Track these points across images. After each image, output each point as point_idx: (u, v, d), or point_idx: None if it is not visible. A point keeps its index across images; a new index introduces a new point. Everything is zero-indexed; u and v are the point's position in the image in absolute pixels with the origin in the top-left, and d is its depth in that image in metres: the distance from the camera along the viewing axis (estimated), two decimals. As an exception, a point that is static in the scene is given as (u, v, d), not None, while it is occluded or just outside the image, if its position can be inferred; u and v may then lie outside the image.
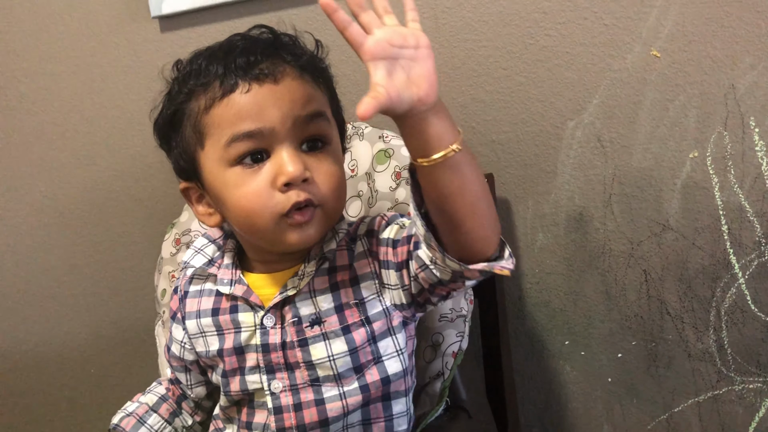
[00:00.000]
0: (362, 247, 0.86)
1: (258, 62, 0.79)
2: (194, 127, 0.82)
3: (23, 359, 1.56)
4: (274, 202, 0.79)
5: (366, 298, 0.85)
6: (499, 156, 1.25)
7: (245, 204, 0.80)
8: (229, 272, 0.89)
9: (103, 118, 1.42)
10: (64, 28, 1.39)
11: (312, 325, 0.84)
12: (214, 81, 0.80)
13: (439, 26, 1.24)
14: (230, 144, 0.79)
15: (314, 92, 0.82)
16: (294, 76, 0.81)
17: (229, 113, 0.78)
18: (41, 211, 1.48)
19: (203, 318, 0.90)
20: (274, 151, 0.79)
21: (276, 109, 0.78)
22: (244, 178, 0.79)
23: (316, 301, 0.85)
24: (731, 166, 1.17)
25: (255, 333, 0.86)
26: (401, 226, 0.84)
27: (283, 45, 0.84)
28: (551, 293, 1.28)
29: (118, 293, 1.48)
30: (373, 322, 0.85)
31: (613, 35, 1.17)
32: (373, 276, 0.85)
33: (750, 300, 1.19)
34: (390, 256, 0.83)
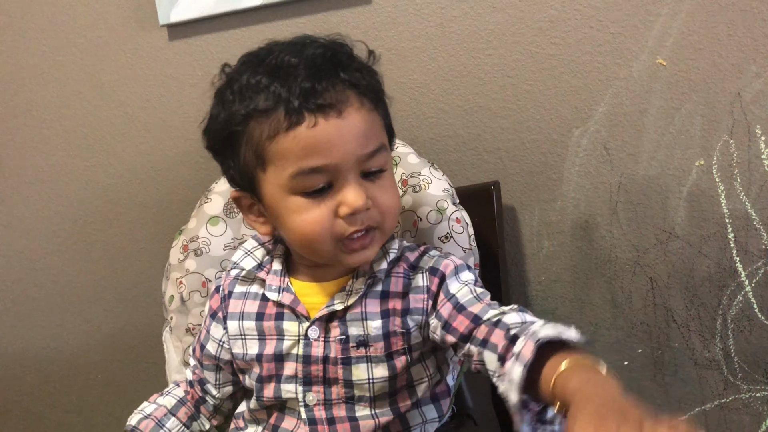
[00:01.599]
0: (422, 282, 0.87)
1: (323, 91, 0.78)
2: (255, 152, 0.81)
3: (31, 364, 1.56)
4: (336, 228, 0.81)
5: (411, 329, 0.87)
6: (505, 163, 1.26)
7: (306, 230, 0.81)
8: (277, 279, 0.91)
9: (111, 126, 1.42)
10: (73, 36, 1.40)
11: (358, 346, 0.86)
12: (278, 108, 0.78)
13: (446, 34, 1.24)
14: (296, 176, 0.79)
15: (374, 123, 0.83)
16: (357, 107, 0.80)
17: (296, 147, 0.78)
18: (50, 218, 1.49)
19: (246, 321, 0.91)
20: (337, 183, 0.80)
21: (342, 146, 0.79)
22: (307, 206, 0.81)
23: (367, 324, 0.86)
24: (737, 174, 1.17)
25: (298, 343, 0.88)
26: (475, 295, 0.84)
27: (343, 65, 0.82)
28: (557, 300, 1.28)
29: (125, 299, 1.48)
30: (413, 351, 0.88)
31: (619, 43, 1.18)
32: (423, 312, 0.87)
33: (757, 308, 1.19)
34: (446, 314, 0.84)
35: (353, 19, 1.28)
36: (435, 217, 1.02)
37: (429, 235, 1.02)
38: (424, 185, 1.05)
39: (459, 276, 0.87)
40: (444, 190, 1.05)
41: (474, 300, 0.83)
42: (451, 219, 1.03)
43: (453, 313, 0.83)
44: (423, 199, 1.04)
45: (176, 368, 1.13)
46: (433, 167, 1.08)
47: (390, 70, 1.28)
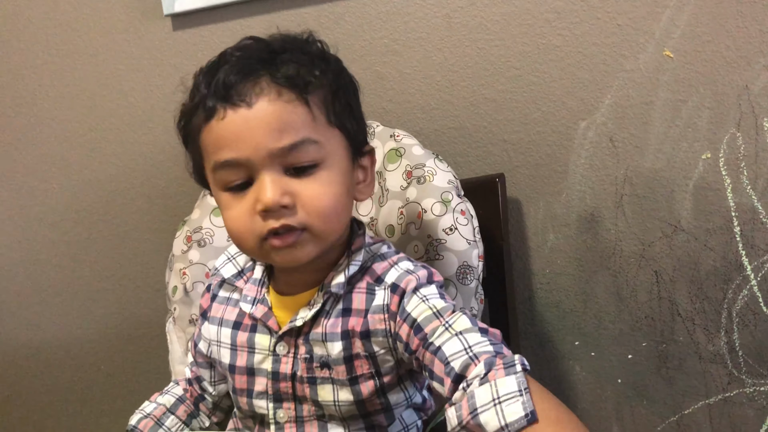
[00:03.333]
0: (382, 300, 0.81)
1: (236, 83, 0.76)
2: (196, 147, 0.82)
3: (34, 355, 1.56)
4: (255, 225, 0.77)
5: (377, 352, 0.82)
6: (510, 156, 1.25)
7: (231, 226, 0.80)
8: (254, 289, 0.88)
9: (114, 116, 1.42)
10: (77, 25, 1.40)
11: (322, 367, 0.82)
12: (200, 103, 0.79)
13: (452, 25, 1.24)
14: (215, 171, 0.79)
15: (294, 116, 0.77)
16: (271, 97, 0.76)
17: (211, 140, 0.78)
18: (53, 209, 1.49)
19: (224, 328, 0.89)
20: (257, 177, 0.77)
21: (250, 138, 0.75)
22: (231, 202, 0.79)
23: (326, 345, 0.82)
24: (744, 168, 1.16)
25: (268, 358, 0.85)
26: (434, 311, 0.77)
27: (274, 56, 0.79)
28: (562, 294, 1.28)
29: (129, 290, 1.48)
30: (384, 375, 0.83)
31: (626, 35, 1.17)
32: (386, 334, 0.81)
33: (762, 302, 1.19)
34: (405, 337, 0.79)
35: (358, 9, 1.27)
36: (439, 209, 1.02)
37: (433, 227, 1.01)
38: (429, 177, 1.04)
39: (419, 291, 0.80)
40: (449, 181, 1.04)
41: (432, 317, 0.77)
42: (455, 211, 1.02)
43: (411, 334, 0.77)
44: (427, 191, 1.03)
45: (179, 359, 1.13)
46: (437, 159, 1.07)
47: (395, 60, 1.27)
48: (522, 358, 0.69)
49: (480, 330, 0.74)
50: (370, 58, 1.27)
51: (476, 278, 1.02)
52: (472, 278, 1.01)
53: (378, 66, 1.27)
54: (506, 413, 0.64)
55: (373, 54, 1.28)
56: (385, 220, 1.07)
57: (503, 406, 0.64)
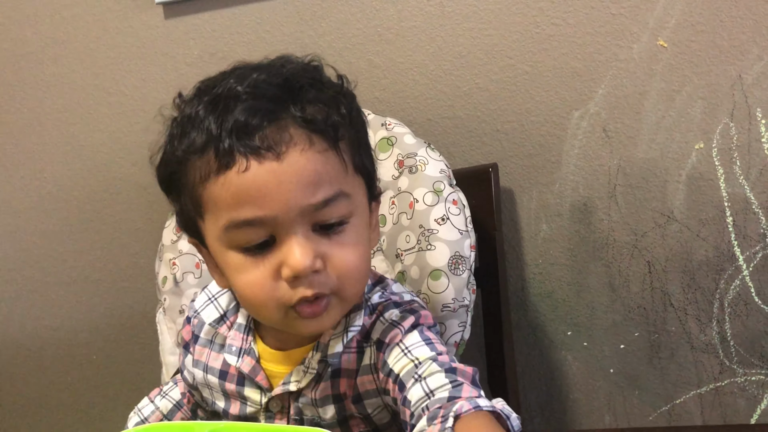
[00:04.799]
0: (369, 359, 0.76)
1: (258, 128, 0.66)
2: (192, 198, 0.71)
3: (25, 345, 1.56)
4: (280, 293, 0.69)
5: (372, 413, 0.77)
6: (503, 146, 1.25)
7: (248, 293, 0.70)
8: (239, 337, 0.81)
9: (106, 105, 1.41)
10: (68, 13, 1.39)
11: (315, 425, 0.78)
12: (209, 146, 0.67)
13: (445, 14, 1.23)
14: (228, 229, 0.68)
15: (327, 166, 0.68)
16: (303, 147, 0.67)
17: (226, 195, 0.67)
18: (43, 198, 1.48)
19: (210, 375, 0.83)
20: (280, 238, 0.68)
21: (279, 195, 0.66)
22: (246, 264, 0.69)
23: (318, 411, 0.77)
24: (737, 158, 1.16)
25: (261, 413, 0.80)
26: (415, 365, 0.71)
27: (295, 94, 0.69)
28: (554, 284, 1.28)
29: (119, 280, 1.48)
30: (382, 430, 0.79)
31: (620, 24, 1.16)
32: (377, 393, 0.76)
33: (754, 292, 1.19)
34: (392, 392, 0.73)
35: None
36: (431, 198, 1.01)
37: (425, 217, 1.01)
38: (421, 166, 1.04)
39: (402, 342, 0.74)
40: (441, 171, 1.04)
41: (412, 371, 0.71)
42: (447, 200, 1.02)
43: (395, 389, 0.72)
44: (419, 180, 1.03)
45: (170, 350, 1.13)
46: (429, 148, 1.07)
47: (388, 49, 1.26)
48: (472, 402, 0.64)
49: (447, 371, 0.69)
50: (362, 47, 1.27)
51: (468, 268, 1.02)
52: (464, 268, 1.01)
53: (371, 55, 1.27)
54: None
55: (366, 43, 1.27)
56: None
57: None
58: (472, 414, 0.62)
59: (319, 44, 1.26)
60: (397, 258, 1.03)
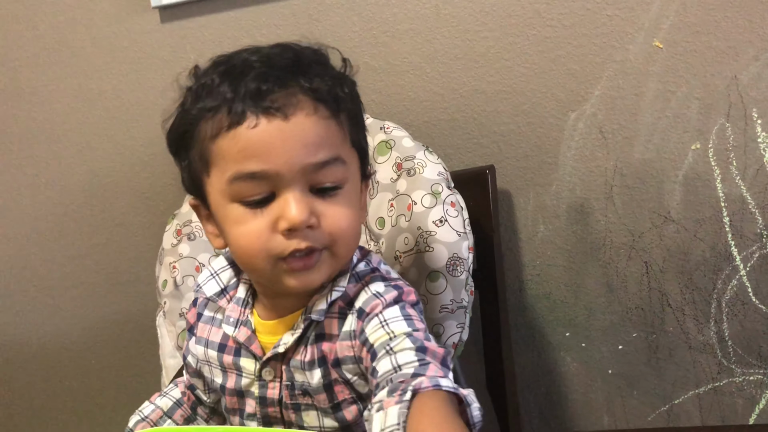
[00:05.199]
0: (350, 325, 0.79)
1: (270, 92, 0.72)
2: (200, 153, 0.76)
3: (25, 350, 1.56)
4: (274, 244, 0.74)
5: (351, 379, 0.79)
6: (500, 147, 1.25)
7: (243, 243, 0.75)
8: (237, 310, 0.85)
9: (103, 109, 1.41)
10: (64, 18, 1.39)
11: (303, 395, 0.80)
12: (223, 107, 0.73)
13: (441, 16, 1.23)
14: (233, 181, 0.73)
15: (330, 132, 0.75)
16: (308, 112, 0.73)
17: (234, 148, 0.72)
18: (42, 203, 1.48)
19: (210, 350, 0.87)
20: (280, 194, 0.73)
21: (283, 152, 0.72)
22: (246, 216, 0.74)
23: (306, 374, 0.80)
24: (733, 158, 1.16)
25: (255, 382, 0.83)
26: (390, 337, 0.74)
27: (304, 68, 0.75)
28: (552, 285, 1.28)
29: (119, 284, 1.48)
30: (366, 399, 0.80)
31: (616, 26, 1.17)
32: (355, 360, 0.78)
33: (751, 292, 1.19)
34: (366, 361, 0.75)
35: (347, 1, 1.26)
36: (429, 200, 1.02)
37: (423, 219, 1.01)
38: (419, 169, 1.04)
39: (381, 314, 0.76)
40: (439, 173, 1.04)
41: (385, 343, 0.73)
42: (445, 203, 1.02)
43: (368, 358, 0.75)
44: (417, 183, 1.03)
45: (170, 353, 1.12)
46: (427, 151, 1.07)
47: (384, 52, 1.27)
48: (433, 380, 0.66)
49: (418, 349, 0.72)
50: (359, 49, 1.27)
51: (466, 270, 1.02)
52: (463, 270, 1.01)
53: (367, 58, 1.27)
54: None
55: (363, 46, 1.27)
56: (375, 213, 1.07)
57: None
58: (430, 392, 0.65)
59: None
60: (395, 260, 1.03)
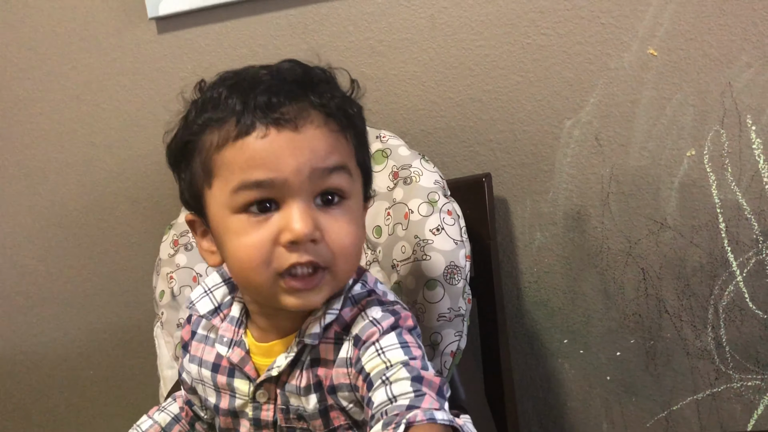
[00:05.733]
0: (346, 352, 0.77)
1: (280, 105, 0.72)
2: (203, 164, 0.75)
3: (22, 362, 1.56)
4: (274, 257, 0.72)
5: (347, 407, 0.78)
6: (496, 155, 1.25)
7: (243, 255, 0.73)
8: (231, 329, 0.83)
9: (100, 120, 1.42)
10: (61, 29, 1.39)
11: (299, 419, 0.79)
12: (231, 118, 0.72)
13: (436, 25, 1.24)
14: (238, 191, 0.72)
15: (338, 143, 0.75)
16: (318, 124, 0.73)
17: (242, 158, 0.71)
18: (39, 213, 1.48)
19: (204, 369, 0.86)
20: (284, 204, 0.72)
21: (293, 159, 0.71)
22: (247, 227, 0.72)
23: (301, 398, 0.78)
24: (728, 164, 1.17)
25: (249, 404, 0.82)
26: (386, 366, 0.72)
27: (314, 84, 0.75)
28: (550, 292, 1.28)
29: (116, 295, 1.48)
30: (362, 426, 0.78)
31: (610, 34, 1.17)
32: (351, 388, 0.77)
33: (748, 298, 1.20)
34: (362, 390, 0.74)
35: (343, 10, 1.27)
36: (426, 209, 1.02)
37: (420, 228, 1.01)
38: (415, 177, 1.04)
39: (378, 343, 0.74)
40: (435, 182, 1.05)
41: (382, 372, 0.71)
42: (442, 211, 1.02)
43: (364, 388, 0.73)
44: (414, 192, 1.03)
45: (168, 364, 1.12)
46: (424, 159, 1.07)
47: (380, 61, 1.27)
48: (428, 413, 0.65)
49: (413, 379, 0.70)
50: (355, 59, 1.27)
51: (464, 278, 1.02)
52: (460, 278, 1.01)
53: (363, 67, 1.27)
54: None
55: (358, 55, 1.28)
56: (372, 222, 1.07)
57: None
58: (424, 425, 0.64)
59: (312, 57, 1.27)
60: (392, 269, 1.03)
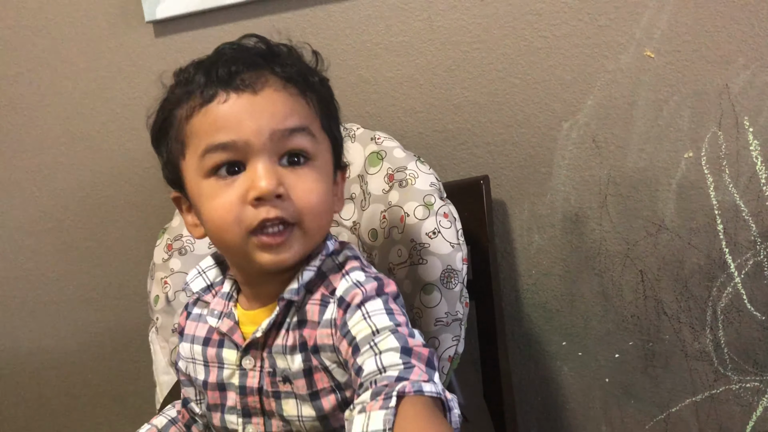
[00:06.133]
0: (330, 313, 0.79)
1: (239, 72, 0.77)
2: (176, 137, 0.80)
3: (18, 366, 1.56)
4: (244, 216, 0.75)
5: (330, 366, 0.80)
6: (494, 157, 1.25)
7: (215, 217, 0.77)
8: (222, 303, 0.87)
9: (97, 123, 1.42)
10: (58, 33, 1.39)
11: (284, 381, 0.81)
12: (197, 90, 0.78)
13: (434, 28, 1.24)
14: (205, 155, 0.76)
15: (298, 106, 0.79)
16: (277, 88, 0.77)
17: (206, 123, 0.76)
18: (34, 218, 1.48)
19: (195, 345, 0.88)
20: (249, 164, 0.76)
21: (253, 120, 0.75)
22: (217, 189, 0.76)
23: (287, 358, 0.80)
24: (726, 166, 1.16)
25: (235, 372, 0.84)
26: (372, 330, 0.74)
27: (274, 55, 0.80)
28: (548, 294, 1.28)
29: (111, 299, 1.48)
30: (345, 389, 0.80)
31: (607, 36, 1.17)
32: (334, 349, 0.79)
33: (746, 299, 1.19)
34: (344, 354, 0.76)
35: (340, 14, 1.27)
36: (422, 212, 1.02)
37: (416, 231, 1.01)
38: (411, 180, 1.04)
39: (363, 306, 0.76)
40: (431, 184, 1.04)
41: (369, 337, 0.73)
42: (438, 214, 1.02)
43: (348, 352, 0.75)
44: (410, 194, 1.03)
45: (163, 369, 1.12)
46: (419, 161, 1.07)
47: (377, 64, 1.27)
48: (416, 385, 0.66)
49: (402, 350, 0.71)
50: (352, 61, 1.27)
51: (461, 281, 1.02)
52: (457, 281, 1.01)
53: (361, 70, 1.27)
54: None
55: (356, 58, 1.28)
56: (367, 225, 1.07)
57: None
58: (413, 397, 0.65)
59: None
60: (389, 272, 1.03)
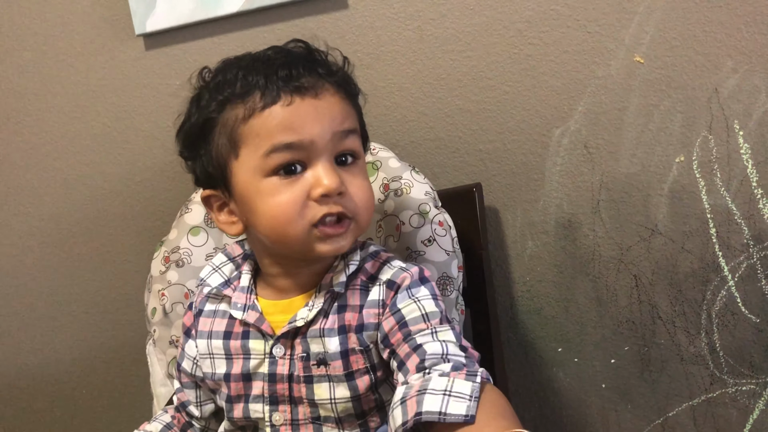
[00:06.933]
0: (377, 295, 0.85)
1: (300, 76, 0.81)
2: (229, 136, 0.82)
3: (14, 379, 1.54)
4: (308, 211, 0.80)
5: (369, 347, 0.84)
6: (486, 165, 1.26)
7: (278, 212, 0.80)
8: (243, 296, 0.89)
9: (89, 137, 1.41)
10: (48, 47, 1.39)
11: (319, 365, 0.84)
12: (255, 92, 0.81)
13: (424, 37, 1.24)
14: (269, 154, 0.80)
15: (349, 109, 0.85)
16: (332, 92, 0.83)
17: (271, 124, 0.80)
18: (29, 232, 1.47)
19: (214, 339, 0.89)
20: (312, 164, 0.81)
21: (317, 123, 0.80)
22: (280, 187, 0.80)
23: (324, 341, 0.84)
24: (717, 170, 1.17)
25: (264, 361, 0.86)
26: (423, 313, 0.82)
27: (318, 61, 0.86)
28: (543, 300, 1.28)
29: (108, 312, 1.47)
30: (378, 369, 0.85)
31: (597, 42, 1.18)
32: (377, 327, 0.84)
33: (740, 302, 1.20)
34: (387, 328, 0.82)
35: (331, 24, 1.27)
36: (417, 220, 1.02)
37: (412, 239, 1.01)
38: (406, 189, 1.04)
39: (412, 290, 0.84)
40: (426, 193, 1.05)
41: (420, 319, 0.81)
42: (433, 222, 1.02)
43: (394, 328, 0.81)
44: (405, 203, 1.03)
45: (161, 381, 1.11)
46: (414, 170, 1.07)
47: (369, 74, 1.27)
48: (488, 377, 0.75)
49: (461, 346, 0.79)
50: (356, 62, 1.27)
51: (456, 289, 1.02)
52: (452, 289, 1.01)
53: (352, 80, 1.27)
54: (450, 405, 0.69)
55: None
56: (364, 234, 1.07)
57: (450, 399, 0.70)
58: (491, 385, 0.74)
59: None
60: (385, 281, 1.03)
